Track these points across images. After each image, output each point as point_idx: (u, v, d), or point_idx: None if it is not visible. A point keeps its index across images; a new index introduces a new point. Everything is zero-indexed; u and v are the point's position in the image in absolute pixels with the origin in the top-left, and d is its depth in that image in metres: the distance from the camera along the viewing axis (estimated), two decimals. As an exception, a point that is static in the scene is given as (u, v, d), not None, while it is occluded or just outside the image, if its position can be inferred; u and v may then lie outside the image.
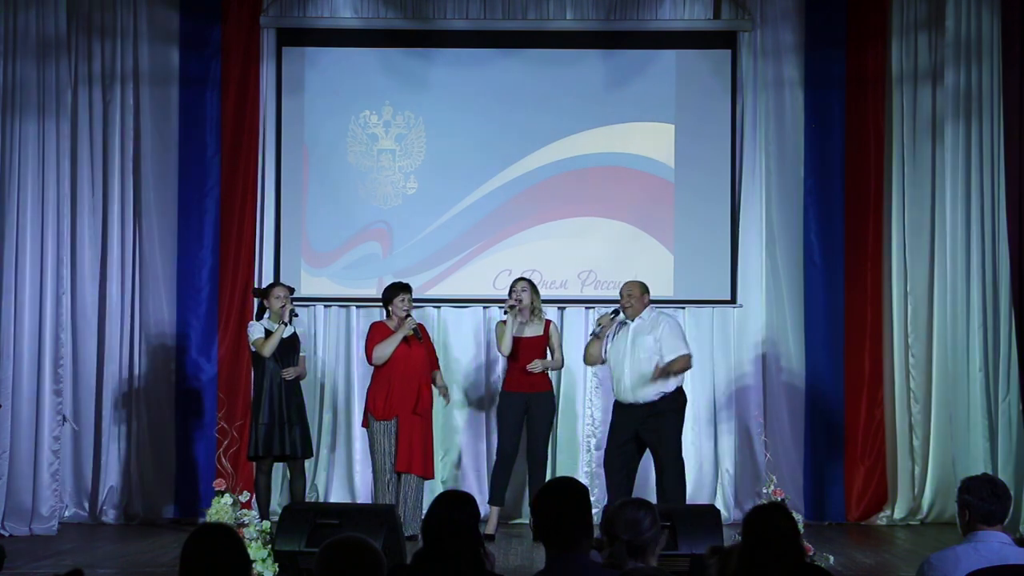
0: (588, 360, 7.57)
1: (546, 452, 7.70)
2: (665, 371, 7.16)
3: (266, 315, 7.52)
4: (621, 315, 7.32)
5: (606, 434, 7.55)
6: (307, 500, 7.76)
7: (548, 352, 7.66)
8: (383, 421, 7.44)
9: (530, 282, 7.70)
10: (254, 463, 7.53)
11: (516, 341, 7.57)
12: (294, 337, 7.57)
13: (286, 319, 7.39)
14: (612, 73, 8.62)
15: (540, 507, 3.49)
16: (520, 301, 7.54)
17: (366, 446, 7.95)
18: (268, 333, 7.42)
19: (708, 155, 8.57)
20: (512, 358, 7.60)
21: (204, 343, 8.34)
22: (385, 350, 7.47)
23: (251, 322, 7.70)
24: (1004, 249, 8.03)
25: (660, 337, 7.24)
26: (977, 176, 8.10)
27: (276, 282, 7.81)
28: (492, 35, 8.66)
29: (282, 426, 7.39)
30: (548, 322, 7.73)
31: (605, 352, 7.40)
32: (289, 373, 7.43)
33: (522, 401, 7.57)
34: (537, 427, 7.60)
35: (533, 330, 7.62)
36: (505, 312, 7.59)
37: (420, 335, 7.52)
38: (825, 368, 8.40)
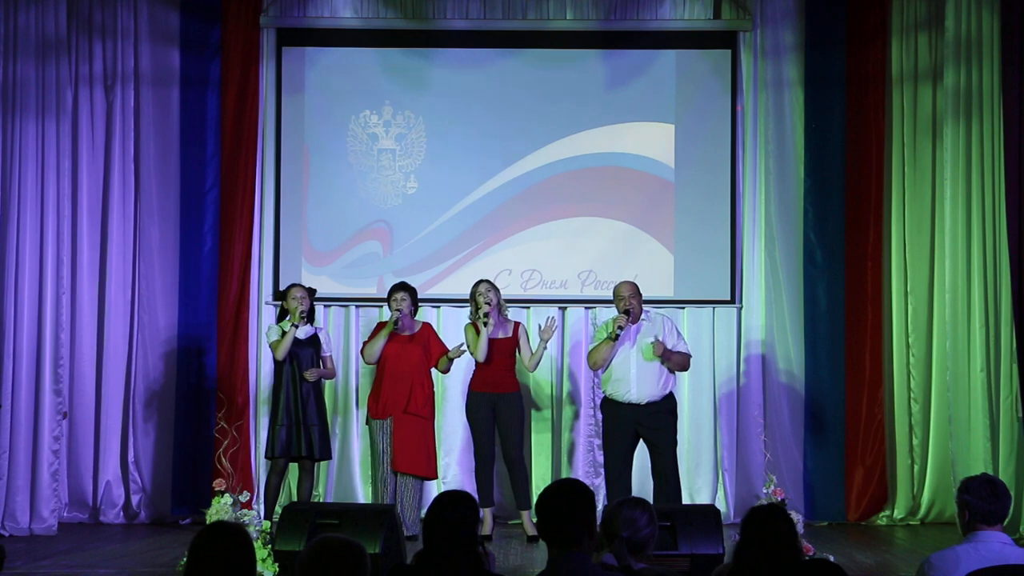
0: (597, 363, 7.41)
1: (521, 453, 7.68)
2: (667, 352, 7.21)
3: (287, 317, 7.52)
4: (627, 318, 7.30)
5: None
6: (310, 500, 7.75)
7: (517, 353, 7.66)
8: (378, 420, 7.46)
9: (491, 283, 7.70)
10: (268, 461, 7.55)
11: (487, 344, 7.56)
12: (315, 338, 7.57)
13: (295, 320, 7.39)
14: (612, 73, 8.62)
15: (544, 506, 3.49)
16: (490, 303, 7.53)
17: (366, 446, 7.97)
18: (284, 334, 7.43)
19: (708, 155, 8.57)
20: (483, 361, 7.60)
21: (204, 343, 8.34)
22: (373, 348, 7.51)
23: (270, 324, 7.74)
24: (1004, 249, 8.02)
25: (664, 337, 7.29)
26: (977, 176, 8.09)
27: (293, 283, 7.78)
28: (492, 35, 8.66)
29: (299, 427, 7.40)
30: (517, 324, 7.73)
31: None
32: (311, 374, 7.43)
33: (488, 401, 7.57)
34: (507, 428, 7.58)
35: (502, 332, 7.62)
36: (484, 323, 7.52)
37: (397, 326, 7.47)
38: (825, 368, 8.40)
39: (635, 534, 3.68)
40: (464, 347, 7.60)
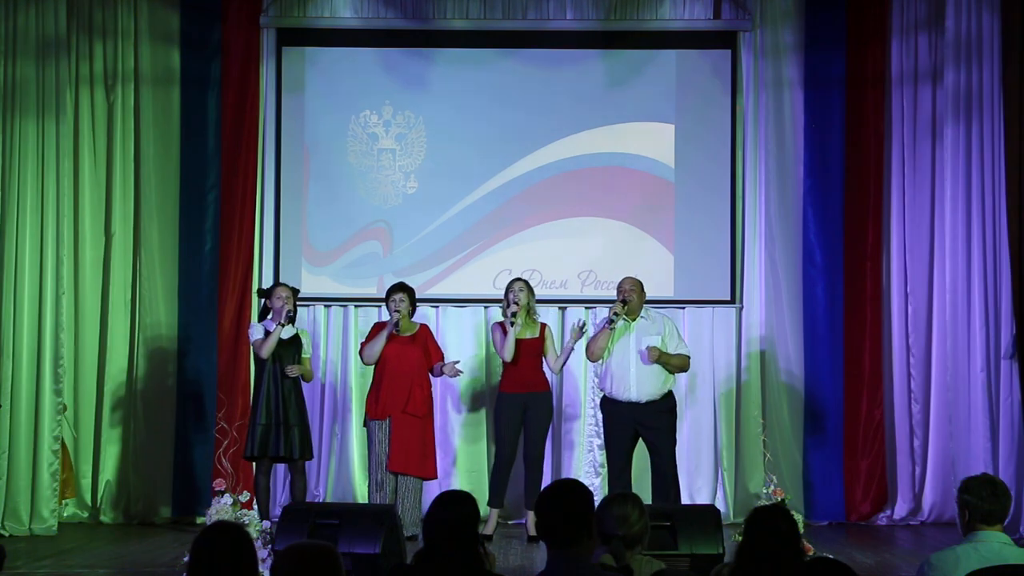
0: (595, 353, 7.37)
1: (542, 453, 7.68)
2: (665, 359, 7.21)
3: (269, 316, 7.51)
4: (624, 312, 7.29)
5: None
6: (307, 500, 7.75)
7: (541, 357, 7.66)
8: (377, 420, 7.46)
9: (527, 282, 7.70)
10: (254, 463, 7.53)
11: (514, 344, 7.56)
12: (296, 338, 7.56)
13: (282, 320, 7.37)
14: (612, 73, 8.62)
15: (543, 507, 3.49)
16: (518, 303, 7.53)
17: (365, 446, 7.96)
18: (268, 334, 7.41)
19: (708, 155, 8.57)
20: (510, 360, 7.60)
21: (204, 343, 8.33)
22: (372, 348, 7.50)
23: (252, 323, 7.71)
24: (1004, 249, 8.03)
25: (665, 336, 7.30)
26: (977, 176, 8.10)
27: (278, 283, 7.79)
28: (492, 35, 8.67)
29: (279, 427, 7.37)
30: (544, 325, 7.72)
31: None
32: (292, 370, 7.41)
33: (519, 402, 7.56)
34: (534, 427, 7.59)
35: (530, 332, 7.62)
36: (512, 323, 7.52)
37: (398, 328, 7.49)
38: (824, 368, 8.40)
39: (628, 530, 3.68)
40: (459, 365, 7.63)
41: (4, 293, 7.85)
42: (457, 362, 7.64)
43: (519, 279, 7.71)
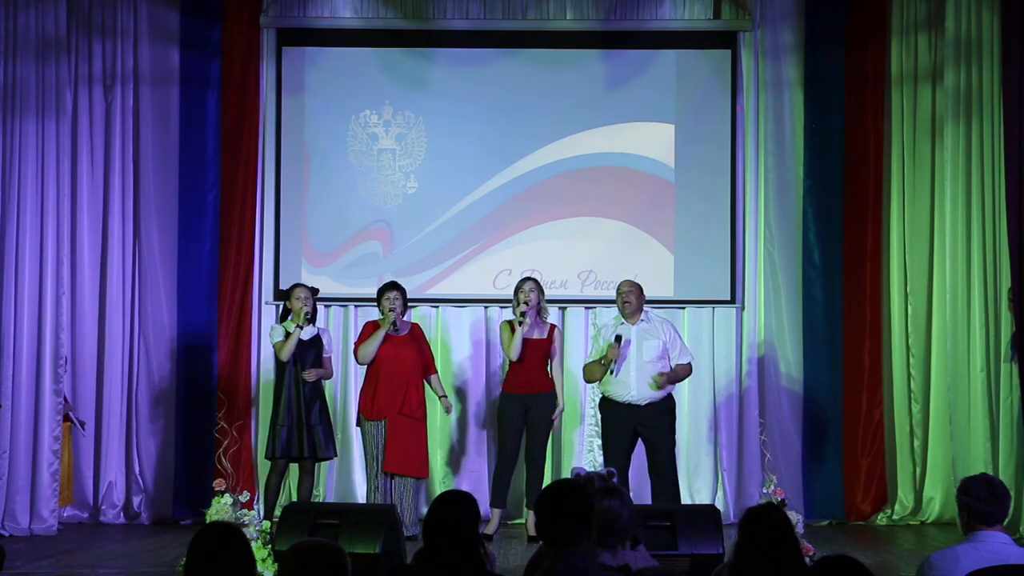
0: (591, 381, 7.57)
1: (544, 453, 7.68)
2: (673, 378, 7.27)
3: (289, 317, 7.50)
4: (624, 335, 7.26)
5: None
6: (310, 499, 7.75)
7: (548, 358, 7.66)
8: (372, 421, 7.45)
9: (537, 282, 7.69)
10: (269, 462, 7.54)
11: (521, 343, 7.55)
12: (316, 338, 7.56)
13: (300, 322, 7.37)
14: (612, 73, 8.62)
15: (543, 507, 3.49)
16: (528, 303, 7.52)
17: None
18: (288, 335, 7.41)
19: (708, 155, 8.57)
20: (517, 360, 7.59)
21: (205, 343, 8.33)
22: (368, 348, 7.49)
23: (272, 324, 7.72)
24: (1004, 249, 8.02)
25: (668, 342, 7.30)
26: (977, 176, 8.09)
27: (297, 283, 7.76)
28: (492, 35, 8.67)
29: (302, 428, 7.38)
30: (552, 326, 7.72)
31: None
32: (310, 375, 7.42)
33: (522, 402, 7.56)
34: (536, 428, 7.59)
35: (537, 332, 7.61)
36: (520, 322, 7.51)
37: (395, 327, 7.48)
38: (824, 368, 8.40)
39: (614, 523, 3.68)
40: (450, 406, 7.79)
41: (4, 293, 7.85)
42: (450, 407, 7.81)
43: (530, 279, 7.70)
